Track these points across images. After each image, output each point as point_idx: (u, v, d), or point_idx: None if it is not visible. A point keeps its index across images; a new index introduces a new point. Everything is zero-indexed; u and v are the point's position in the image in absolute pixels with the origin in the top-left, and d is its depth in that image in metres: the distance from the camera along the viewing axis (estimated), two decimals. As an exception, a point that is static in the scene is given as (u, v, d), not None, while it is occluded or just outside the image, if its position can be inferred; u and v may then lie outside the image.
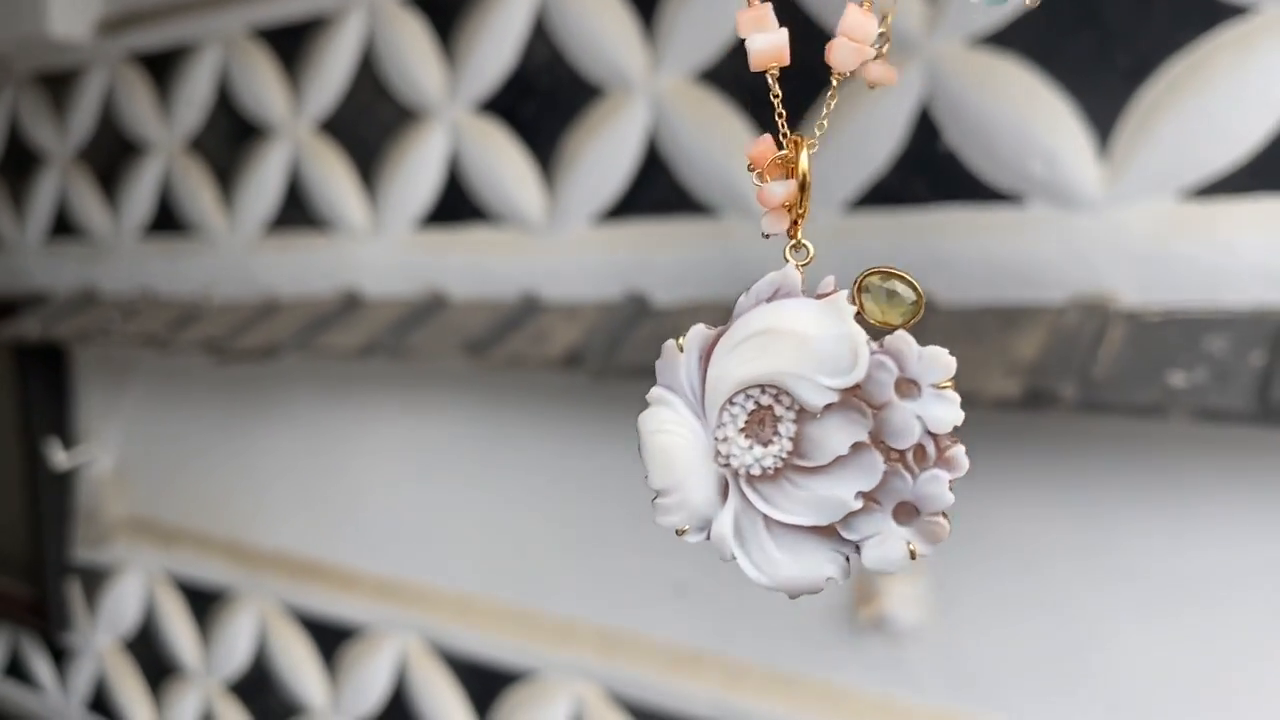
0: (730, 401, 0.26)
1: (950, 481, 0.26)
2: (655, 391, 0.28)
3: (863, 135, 0.67)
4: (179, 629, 1.18)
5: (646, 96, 0.76)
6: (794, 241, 0.28)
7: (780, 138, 0.27)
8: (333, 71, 0.94)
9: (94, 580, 1.27)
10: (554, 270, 0.82)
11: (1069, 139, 0.60)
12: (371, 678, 1.00)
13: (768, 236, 0.27)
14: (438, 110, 0.87)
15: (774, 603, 0.75)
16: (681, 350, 0.27)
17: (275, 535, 1.09)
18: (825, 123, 0.29)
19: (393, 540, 0.99)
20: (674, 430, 0.27)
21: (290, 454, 1.06)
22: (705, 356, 0.27)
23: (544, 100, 0.82)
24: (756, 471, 0.26)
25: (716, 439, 0.27)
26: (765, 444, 0.26)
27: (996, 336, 0.61)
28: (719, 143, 0.73)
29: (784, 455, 0.26)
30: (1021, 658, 0.66)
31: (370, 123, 0.93)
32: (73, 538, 1.28)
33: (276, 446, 1.08)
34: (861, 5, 0.28)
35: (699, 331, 0.27)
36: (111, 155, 1.16)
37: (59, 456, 1.24)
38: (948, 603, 0.69)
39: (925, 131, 0.66)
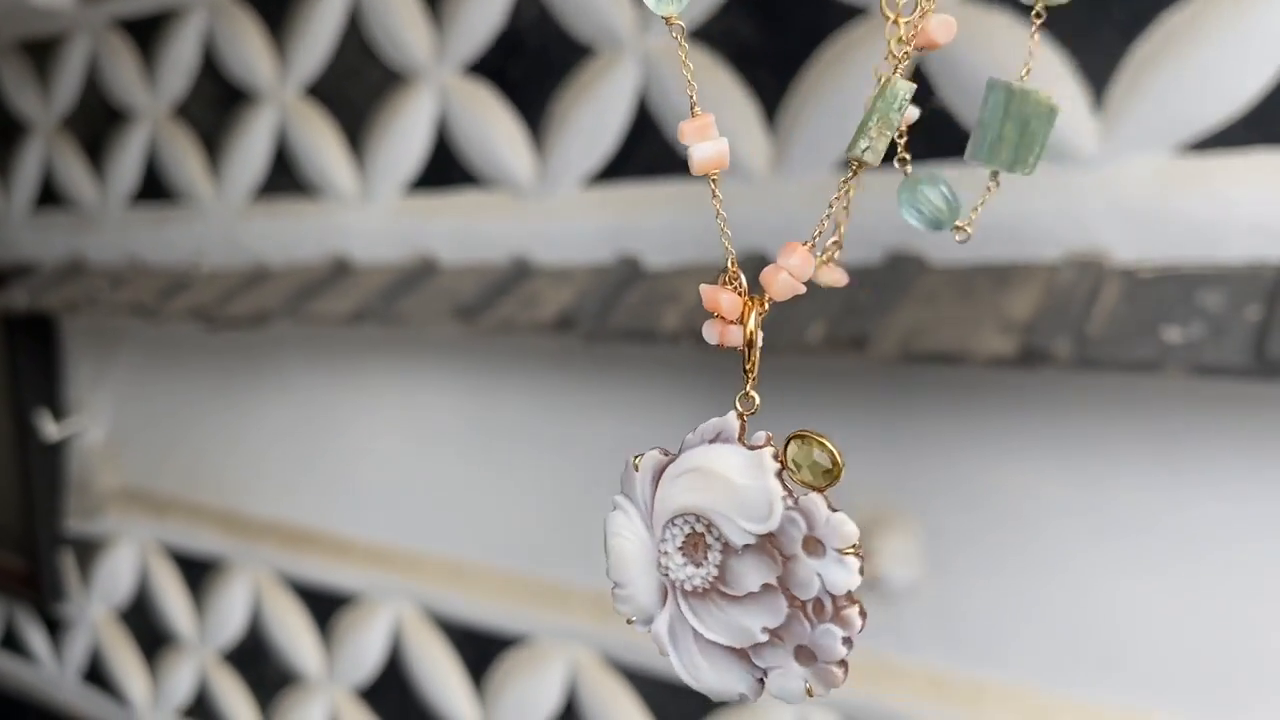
0: (671, 522, 0.30)
1: (844, 638, 0.29)
2: (618, 499, 0.32)
3: (853, 93, 0.66)
4: (173, 599, 1.18)
5: (637, 55, 0.75)
6: (744, 392, 0.31)
7: (733, 284, 0.31)
8: (319, 35, 0.93)
9: (87, 551, 1.26)
10: (545, 234, 0.81)
11: (1064, 93, 0.60)
12: (366, 645, 1.00)
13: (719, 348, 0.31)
14: (425, 72, 0.86)
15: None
16: (638, 469, 0.31)
17: (268, 504, 1.08)
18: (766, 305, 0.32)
19: (386, 507, 0.98)
20: (628, 536, 0.31)
21: (282, 422, 1.06)
22: (655, 478, 0.31)
23: (533, 61, 0.81)
24: (688, 587, 0.31)
25: (660, 551, 0.31)
26: (697, 565, 0.30)
27: (990, 295, 0.61)
28: (710, 102, 0.72)
29: (710, 579, 0.30)
30: (1016, 616, 0.66)
31: (357, 86, 0.92)
32: (65, 509, 1.27)
33: (268, 415, 1.07)
34: (810, 241, 0.31)
35: (652, 456, 0.31)
36: (97, 123, 1.15)
37: (49, 428, 1.23)
38: (941, 561, 0.68)
39: (917, 87, 0.65)
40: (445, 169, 0.87)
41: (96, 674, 1.28)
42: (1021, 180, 0.61)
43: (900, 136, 0.32)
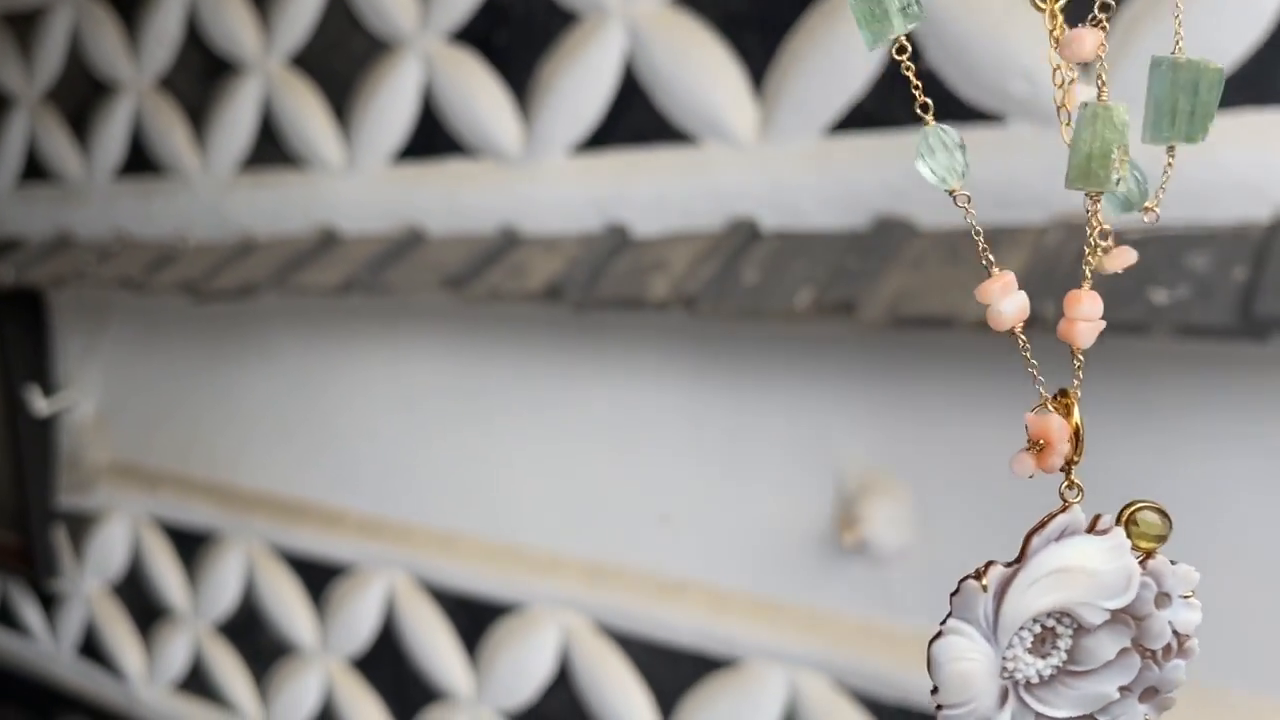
0: (1021, 627, 0.31)
1: (1184, 666, 0.32)
2: (952, 623, 0.32)
3: (841, 57, 0.66)
4: (166, 572, 1.18)
5: (623, 21, 0.75)
6: (1068, 482, 0.33)
7: (1045, 402, 0.33)
8: (303, 4, 0.92)
9: (80, 526, 1.26)
10: (532, 202, 0.81)
11: (1050, 56, 0.59)
12: (360, 615, 1.00)
13: (1031, 477, 0.33)
14: (410, 41, 0.86)
15: (757, 530, 0.75)
16: (985, 590, 0.32)
17: (259, 476, 1.08)
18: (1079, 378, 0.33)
19: (377, 477, 0.99)
20: (973, 657, 0.32)
21: (272, 394, 1.06)
22: (1000, 592, 0.32)
23: (518, 27, 0.80)
24: (1035, 680, 0.32)
25: (1005, 658, 0.31)
26: (1044, 657, 0.32)
27: (977, 258, 0.61)
28: (697, 69, 0.72)
29: (1060, 664, 0.31)
30: (1005, 579, 0.67)
31: (343, 56, 0.91)
32: (57, 484, 1.27)
33: (258, 387, 1.07)
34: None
35: (999, 572, 0.32)
36: (81, 96, 1.14)
37: (39, 403, 1.23)
38: (929, 525, 0.69)
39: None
40: (431, 138, 0.87)
41: (91, 648, 1.29)
42: (1009, 144, 0.61)
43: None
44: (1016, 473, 0.33)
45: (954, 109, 0.63)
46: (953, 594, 0.32)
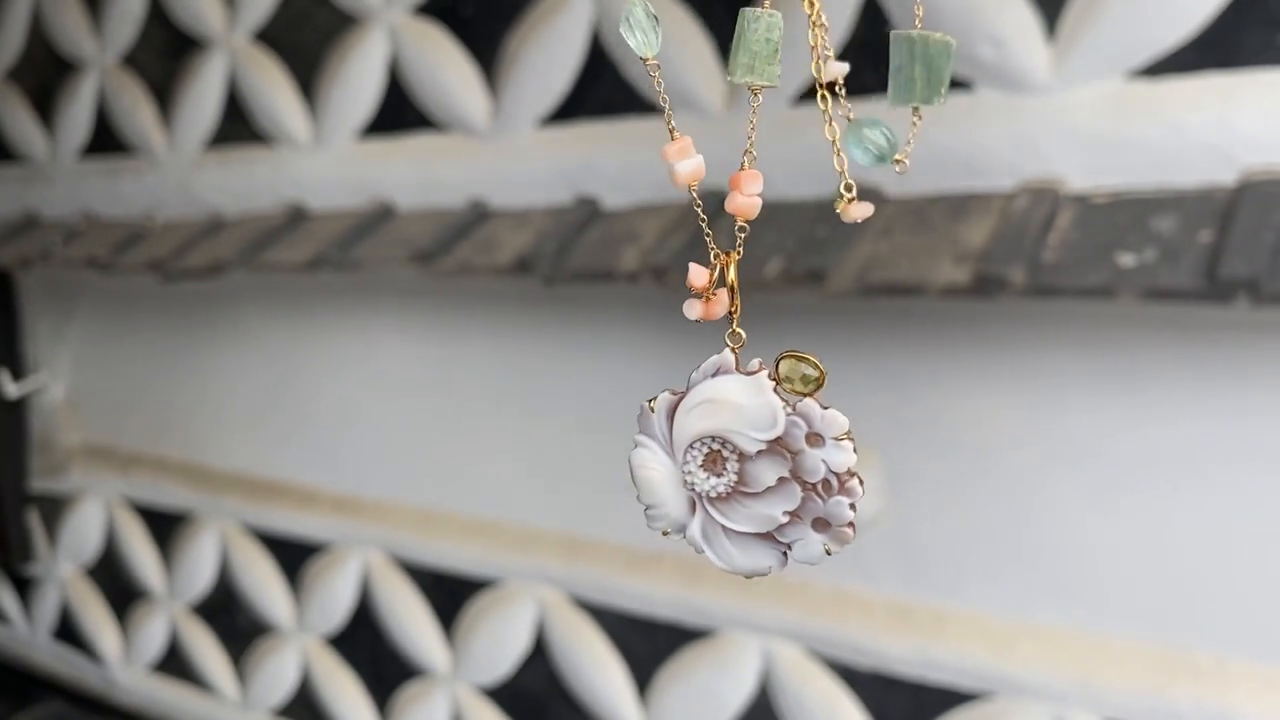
0: (690, 446, 0.37)
1: (850, 504, 0.36)
2: (638, 438, 0.38)
3: (804, 25, 0.65)
4: (141, 554, 1.17)
5: (589, -8, 0.74)
6: (732, 330, 0.37)
7: (711, 257, 0.37)
8: (267, -22, 0.91)
9: (53, 509, 1.25)
10: (501, 176, 0.80)
11: (1017, 21, 0.59)
12: (336, 593, 1.00)
13: (698, 321, 0.37)
14: (376, 14, 0.85)
15: (732, 501, 0.75)
16: (653, 411, 0.37)
17: (233, 456, 1.08)
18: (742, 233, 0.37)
19: (350, 455, 0.98)
20: (654, 467, 0.38)
21: (243, 373, 1.05)
22: (670, 415, 0.37)
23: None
24: (713, 495, 0.37)
25: (684, 472, 0.37)
26: (718, 475, 0.37)
27: (945, 225, 0.61)
28: (665, 40, 0.71)
29: (731, 484, 0.36)
30: (976, 545, 0.67)
31: (308, 30, 0.90)
32: (29, 468, 1.26)
33: (229, 366, 1.06)
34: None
35: (664, 398, 0.37)
36: (44, 74, 1.13)
37: (9, 386, 1.22)
38: (901, 494, 0.69)
39: (873, 19, 0.64)
40: (399, 113, 0.86)
41: (67, 631, 1.28)
42: (977, 110, 0.61)
43: (840, 89, 0.39)
44: (687, 314, 0.37)
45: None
46: (638, 416, 0.38)
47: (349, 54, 0.87)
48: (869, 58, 0.65)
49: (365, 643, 1.00)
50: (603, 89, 0.76)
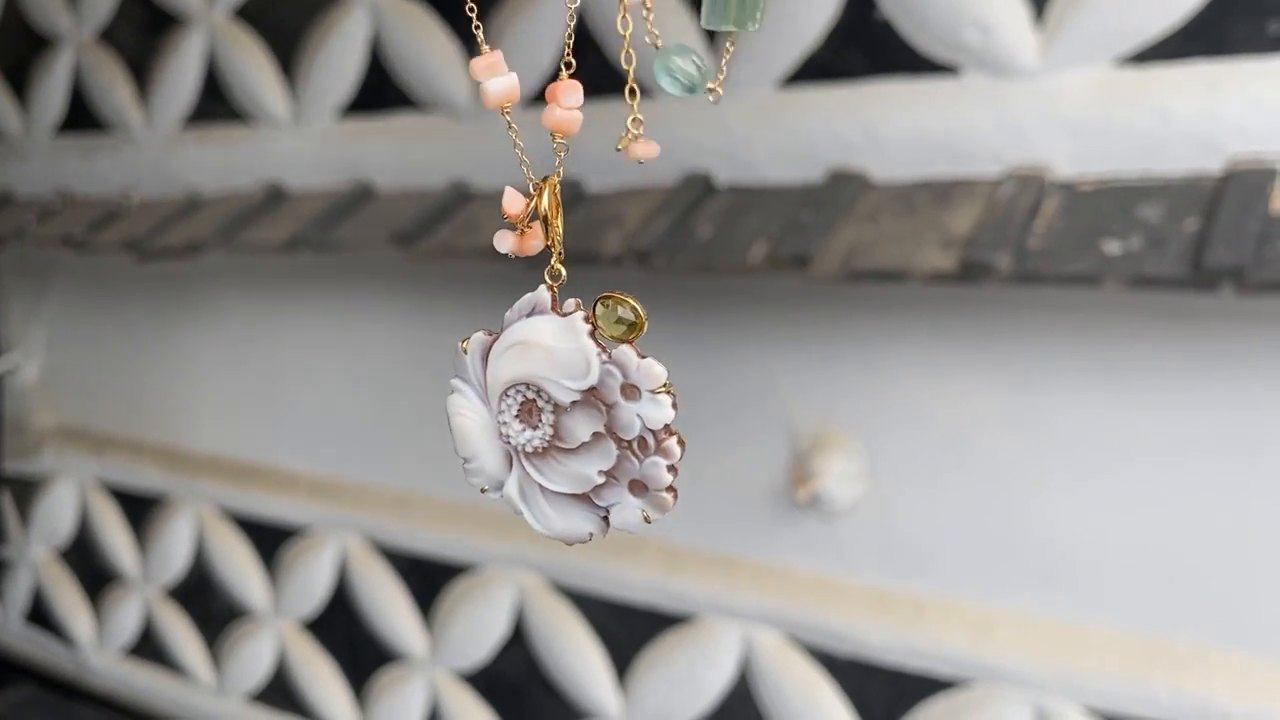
0: (505, 394, 0.34)
1: (668, 466, 0.33)
2: (454, 382, 0.35)
3: (796, 7, 0.65)
4: (115, 537, 1.16)
5: (574, -28, 0.73)
6: (549, 266, 0.34)
7: (528, 185, 0.35)
8: (247, -46, 0.90)
9: (25, 491, 1.24)
10: (483, 157, 0.80)
11: (1005, 6, 0.59)
12: (313, 577, 0.99)
13: (516, 258, 0.35)
14: (358, -8, 0.84)
15: (712, 487, 0.75)
16: (466, 352, 0.34)
17: (208, 438, 1.07)
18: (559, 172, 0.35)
19: (328, 438, 0.97)
20: (468, 414, 0.34)
21: (219, 355, 1.04)
22: (485, 357, 0.34)
23: (467, -23, 0.79)
24: (529, 449, 0.34)
25: (499, 422, 0.34)
26: (534, 428, 0.34)
27: (931, 211, 0.60)
28: (652, 21, 0.70)
29: (547, 438, 0.34)
30: (956, 532, 0.67)
31: (289, 7, 0.89)
32: (1, 449, 1.25)
33: (205, 347, 1.05)
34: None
35: (478, 338, 0.34)
36: (19, 50, 1.11)
37: (-19, 366, 1.20)
38: (882, 480, 0.69)
39: (860, 2, 0.64)
40: (380, 91, 0.85)
41: (40, 615, 1.27)
42: (963, 96, 0.61)
43: (647, 13, 0.36)
44: (498, 247, 0.35)
45: (908, 60, 0.63)
46: (452, 357, 0.35)
47: (330, 32, 0.86)
48: (856, 40, 0.65)
49: (342, 627, 0.99)
50: (586, 68, 0.75)
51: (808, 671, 0.73)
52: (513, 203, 0.34)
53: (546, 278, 0.34)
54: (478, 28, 0.34)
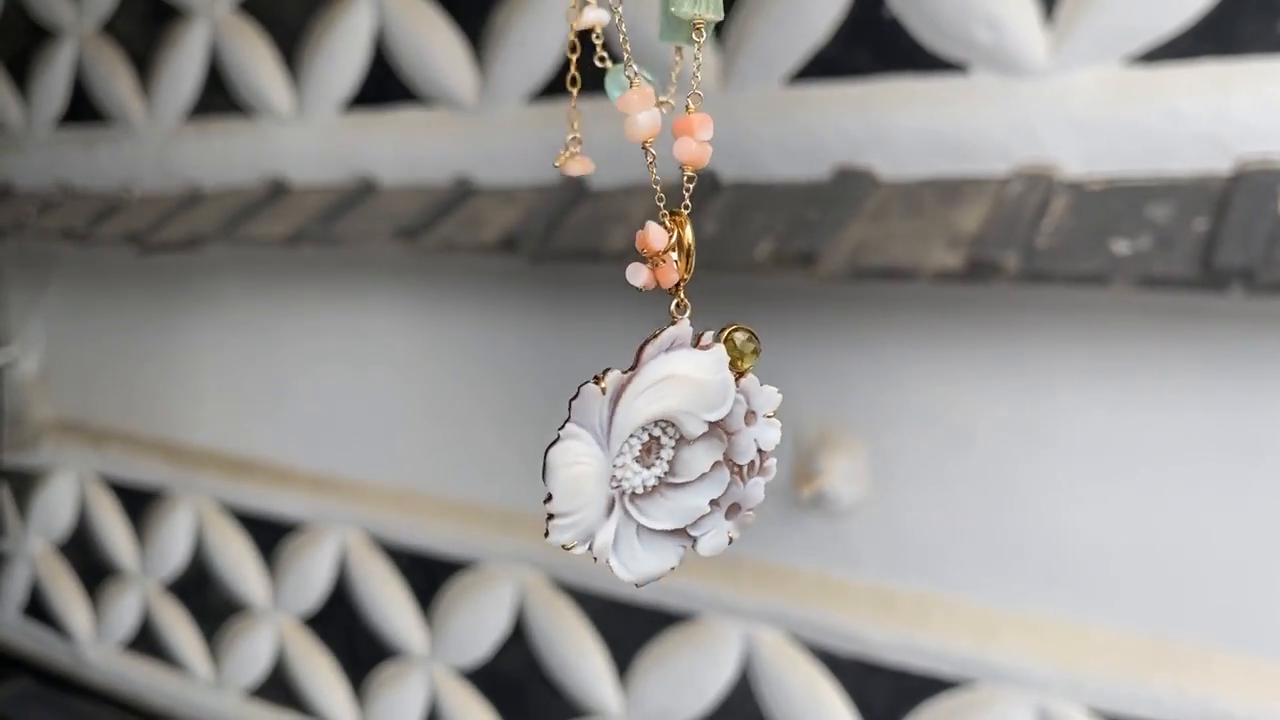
0: (631, 435, 0.32)
1: (764, 484, 0.34)
2: (569, 428, 0.33)
3: (804, 3, 0.65)
4: (114, 530, 1.16)
5: (580, -33, 0.73)
6: (677, 301, 0.34)
7: (661, 218, 0.34)
8: (250, -54, 0.90)
9: (24, 485, 1.24)
10: (487, 152, 0.79)
11: (1015, 4, 0.59)
12: (313, 572, 0.99)
13: (642, 290, 0.34)
14: (362, -14, 0.84)
15: (716, 485, 0.75)
16: (604, 393, 0.32)
17: (209, 432, 1.06)
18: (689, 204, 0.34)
19: (329, 433, 0.97)
20: (586, 462, 0.32)
21: (220, 349, 1.04)
22: (615, 397, 0.32)
23: (473, -29, 0.79)
24: (639, 490, 0.33)
25: (615, 465, 0.33)
26: (649, 467, 0.33)
27: (938, 209, 0.60)
28: (649, 16, 0.70)
29: (659, 476, 0.33)
30: (961, 532, 0.67)
31: (292, 1, 0.89)
32: (0, 443, 1.25)
33: (206, 342, 1.05)
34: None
35: (616, 377, 0.32)
36: (20, 42, 1.11)
37: (-20, 358, 1.20)
38: (887, 479, 0.69)
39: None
40: (384, 86, 0.85)
41: (38, 609, 1.26)
42: (972, 94, 0.60)
43: (597, 38, 0.37)
44: (631, 280, 0.34)
45: (916, 58, 0.62)
46: (572, 399, 0.32)
47: (333, 25, 0.85)
48: (864, 37, 0.64)
49: (341, 623, 0.99)
50: (593, 65, 0.75)
51: (810, 671, 0.73)
52: (656, 238, 0.33)
53: (674, 311, 0.34)
54: (629, 66, 0.34)
